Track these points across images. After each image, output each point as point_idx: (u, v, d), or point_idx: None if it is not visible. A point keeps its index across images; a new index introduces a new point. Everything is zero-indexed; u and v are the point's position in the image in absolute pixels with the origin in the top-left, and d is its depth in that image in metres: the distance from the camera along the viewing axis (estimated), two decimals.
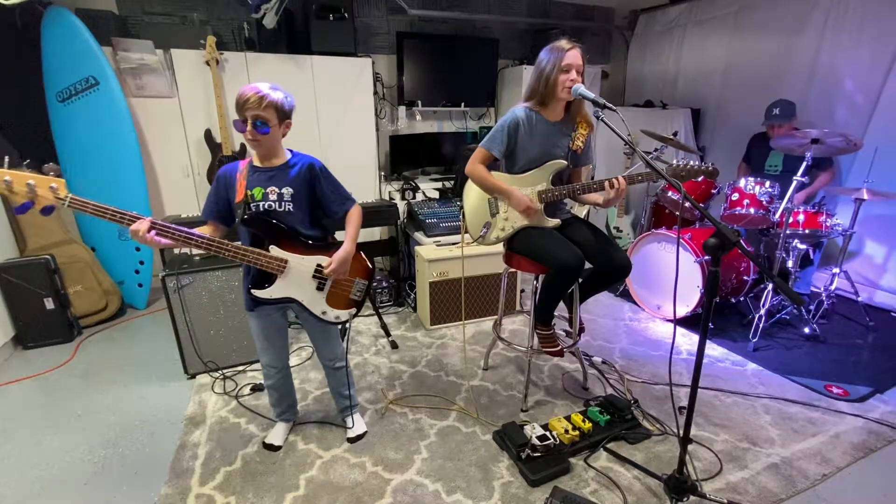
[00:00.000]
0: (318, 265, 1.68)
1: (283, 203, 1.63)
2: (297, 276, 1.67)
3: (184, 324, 2.36)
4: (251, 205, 1.62)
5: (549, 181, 2.03)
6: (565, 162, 2.01)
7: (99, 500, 1.72)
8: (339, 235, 1.79)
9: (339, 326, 1.86)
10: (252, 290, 1.66)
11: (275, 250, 1.63)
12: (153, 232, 1.45)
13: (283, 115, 1.58)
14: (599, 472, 1.80)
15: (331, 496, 1.71)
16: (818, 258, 3.35)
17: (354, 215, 1.74)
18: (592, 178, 1.99)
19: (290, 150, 1.71)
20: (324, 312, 1.74)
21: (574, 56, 1.85)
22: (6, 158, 1.35)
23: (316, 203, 1.72)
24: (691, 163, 1.90)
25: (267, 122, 1.53)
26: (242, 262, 1.61)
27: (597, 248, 2.01)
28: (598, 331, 3.00)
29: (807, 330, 2.87)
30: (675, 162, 1.98)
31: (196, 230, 1.57)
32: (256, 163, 1.66)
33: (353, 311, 1.80)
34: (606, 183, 1.87)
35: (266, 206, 1.62)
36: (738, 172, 3.79)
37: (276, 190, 1.63)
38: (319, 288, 1.72)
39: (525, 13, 4.66)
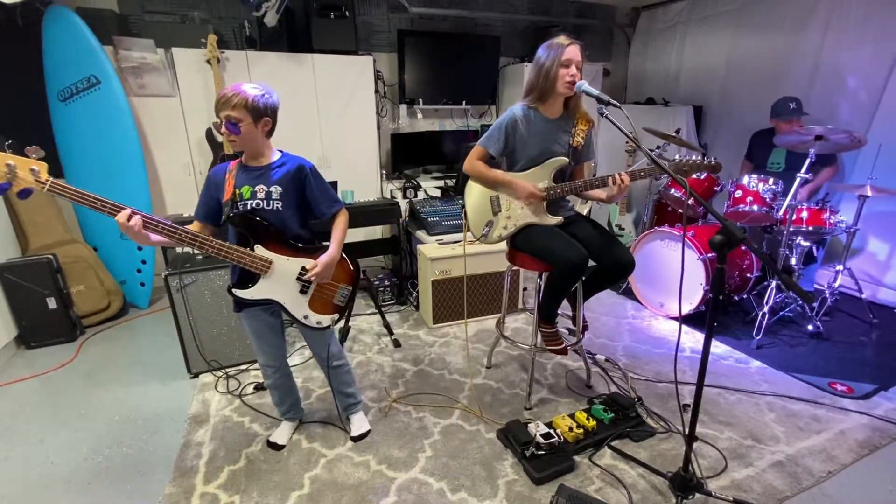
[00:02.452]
0: (303, 267, 1.66)
1: (271, 202, 1.61)
2: (280, 278, 1.65)
3: (186, 323, 2.36)
4: (238, 203, 1.60)
5: (552, 178, 2.02)
6: (566, 159, 2.00)
7: (103, 499, 1.72)
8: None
9: (336, 326, 1.83)
10: (233, 289, 1.65)
11: (260, 250, 1.61)
12: (136, 219, 1.40)
13: (258, 113, 1.53)
14: (604, 470, 1.80)
15: (335, 495, 1.71)
16: (821, 255, 3.34)
17: (341, 221, 1.73)
18: (594, 175, 1.98)
19: (281, 151, 1.70)
20: (305, 316, 1.72)
21: (573, 51, 1.85)
22: None
23: (305, 204, 1.70)
24: (694, 157, 1.90)
25: (238, 121, 1.51)
26: (226, 259, 1.58)
27: (600, 246, 2.00)
28: (601, 329, 2.99)
29: (810, 327, 2.86)
30: (677, 157, 1.96)
31: (187, 227, 1.55)
32: (245, 162, 1.65)
33: (336, 316, 1.77)
34: (609, 179, 1.86)
35: (254, 205, 1.61)
36: (741, 171, 3.77)
37: (265, 188, 1.61)
38: (303, 291, 1.69)
39: (526, 11, 4.65)
